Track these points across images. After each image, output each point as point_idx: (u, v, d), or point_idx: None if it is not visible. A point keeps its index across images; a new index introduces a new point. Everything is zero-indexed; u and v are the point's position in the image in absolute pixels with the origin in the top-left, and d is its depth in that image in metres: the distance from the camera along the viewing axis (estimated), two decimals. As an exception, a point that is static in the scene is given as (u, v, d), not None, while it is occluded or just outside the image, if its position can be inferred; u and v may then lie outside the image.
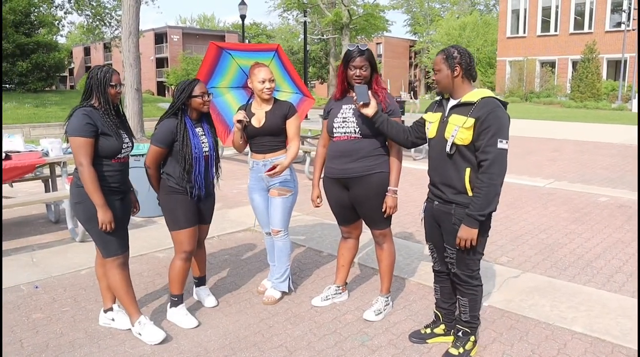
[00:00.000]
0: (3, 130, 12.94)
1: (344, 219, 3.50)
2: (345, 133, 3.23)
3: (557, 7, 33.24)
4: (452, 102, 2.76)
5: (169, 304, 3.44)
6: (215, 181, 3.47)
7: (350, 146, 3.22)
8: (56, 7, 24.52)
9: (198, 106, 3.27)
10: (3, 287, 3.95)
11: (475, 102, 2.64)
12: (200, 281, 3.72)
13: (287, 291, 3.78)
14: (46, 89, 21.42)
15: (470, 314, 2.89)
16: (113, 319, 3.31)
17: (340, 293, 3.72)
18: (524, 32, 35.09)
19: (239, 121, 3.46)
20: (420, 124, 3.04)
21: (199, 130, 3.31)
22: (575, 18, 32.58)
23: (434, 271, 3.10)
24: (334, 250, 4.78)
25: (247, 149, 3.73)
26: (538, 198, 7.00)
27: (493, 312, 3.50)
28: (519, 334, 3.21)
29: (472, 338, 2.94)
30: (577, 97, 29.03)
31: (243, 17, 22.21)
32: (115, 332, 3.24)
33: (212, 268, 4.35)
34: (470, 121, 2.61)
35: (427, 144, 2.98)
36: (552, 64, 33.82)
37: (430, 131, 2.87)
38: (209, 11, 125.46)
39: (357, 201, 3.31)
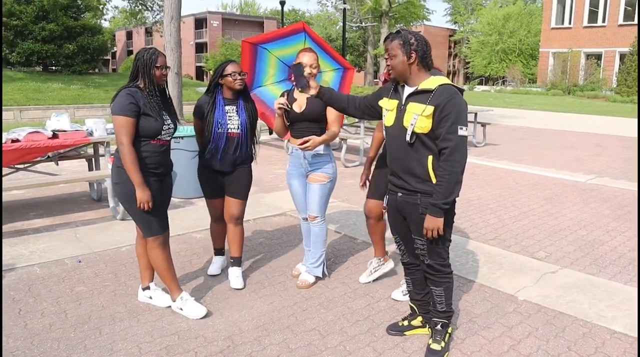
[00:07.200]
0: (51, 110, 13.38)
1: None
2: None
3: (606, -4, 31.99)
4: (409, 90, 2.70)
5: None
6: (244, 159, 3.65)
7: None
8: (101, -8, 25.10)
9: (230, 84, 3.49)
10: (49, 260, 4.13)
11: (434, 90, 2.60)
12: (235, 262, 3.79)
13: (321, 276, 3.82)
14: (90, 71, 21.97)
15: (447, 303, 2.87)
16: (151, 297, 3.41)
17: (383, 264, 3.81)
18: (570, 22, 33.90)
19: (280, 107, 3.49)
20: (375, 100, 2.95)
21: (230, 108, 3.53)
22: (625, 8, 31.26)
23: (402, 263, 3.08)
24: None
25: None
26: (579, 194, 6.81)
27: (529, 307, 3.45)
28: (555, 330, 3.15)
29: (450, 329, 2.94)
30: (624, 91, 27.85)
31: (282, 3, 22.32)
32: (154, 308, 3.35)
33: (248, 251, 4.42)
34: (430, 109, 2.57)
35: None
36: (598, 57, 32.61)
37: (388, 119, 2.79)
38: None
39: None
